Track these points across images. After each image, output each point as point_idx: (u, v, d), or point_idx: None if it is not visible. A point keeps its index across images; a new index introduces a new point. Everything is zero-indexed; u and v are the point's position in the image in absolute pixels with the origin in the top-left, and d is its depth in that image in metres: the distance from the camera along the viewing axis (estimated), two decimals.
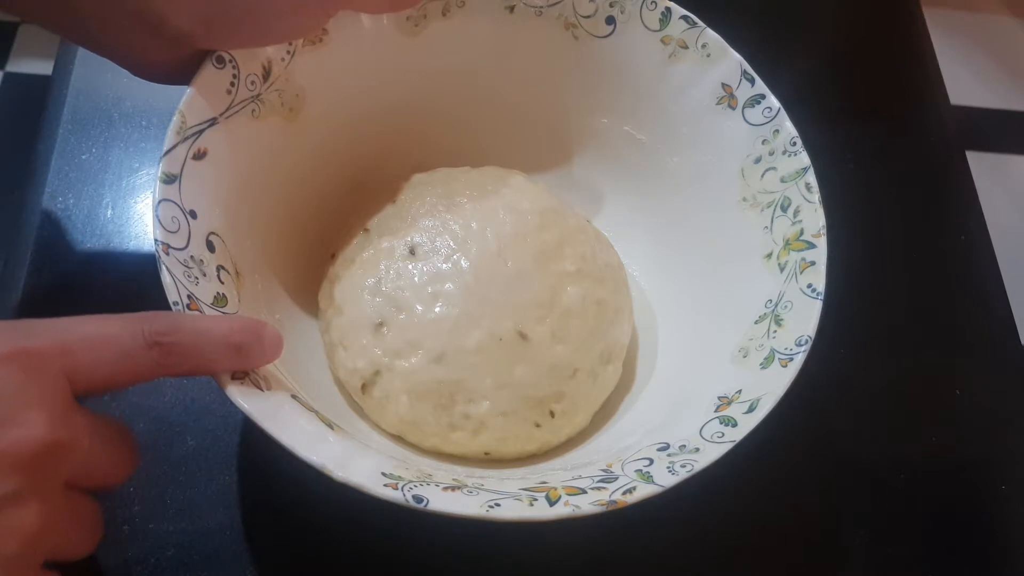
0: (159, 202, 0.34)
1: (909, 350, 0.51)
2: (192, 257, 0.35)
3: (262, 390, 0.33)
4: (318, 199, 0.45)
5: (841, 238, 0.39)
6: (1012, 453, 0.48)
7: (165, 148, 0.35)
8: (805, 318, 0.37)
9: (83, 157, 0.49)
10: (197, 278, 0.34)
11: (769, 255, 0.40)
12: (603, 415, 0.42)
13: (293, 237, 0.43)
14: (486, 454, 0.39)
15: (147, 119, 0.50)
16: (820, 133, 0.43)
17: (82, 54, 0.52)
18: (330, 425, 0.34)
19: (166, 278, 0.33)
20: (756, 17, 0.60)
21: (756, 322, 0.38)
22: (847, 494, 0.45)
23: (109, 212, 0.47)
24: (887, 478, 0.46)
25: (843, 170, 0.54)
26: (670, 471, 0.33)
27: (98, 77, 0.51)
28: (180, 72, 0.37)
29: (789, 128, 0.41)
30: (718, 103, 0.43)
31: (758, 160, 0.42)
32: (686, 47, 0.43)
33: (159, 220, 0.34)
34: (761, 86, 0.42)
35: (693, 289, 0.43)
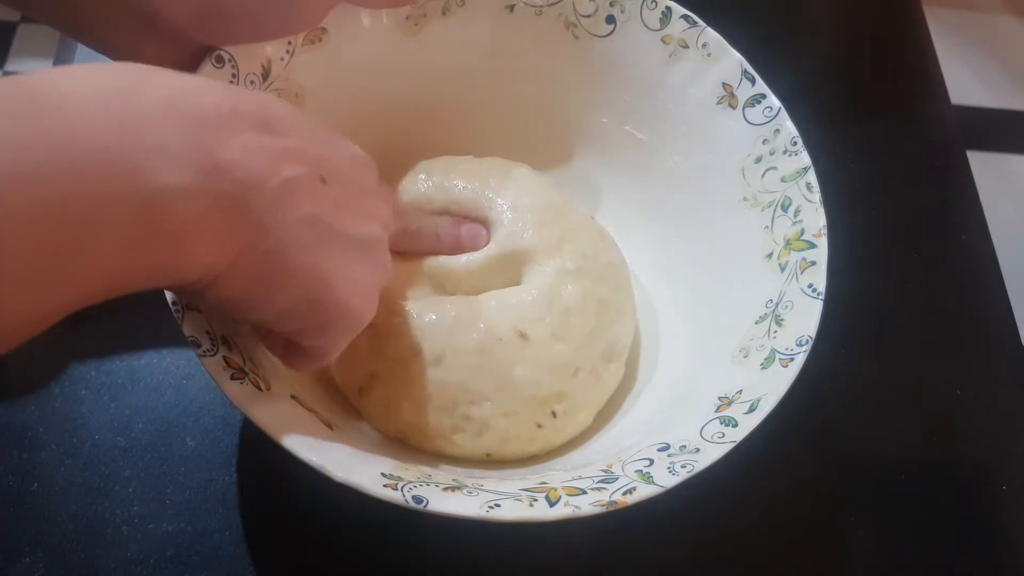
0: None
1: (909, 350, 0.51)
2: None
3: (262, 391, 0.33)
4: None
5: (842, 238, 0.39)
6: (1013, 453, 0.48)
7: None
8: (806, 318, 0.37)
9: None
10: None
11: (770, 255, 0.40)
12: (605, 415, 0.42)
13: None
14: (488, 455, 0.39)
15: None
16: (820, 133, 0.43)
17: (81, 54, 0.52)
18: (330, 426, 0.34)
19: None
20: (756, 17, 0.60)
21: (757, 322, 0.38)
22: (847, 494, 0.45)
23: None
24: (887, 478, 0.46)
25: (844, 170, 0.54)
26: (670, 471, 0.33)
27: None
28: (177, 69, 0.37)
29: (790, 128, 0.41)
30: (719, 102, 0.43)
31: (759, 160, 0.42)
32: (686, 46, 0.43)
33: None
34: (762, 85, 0.42)
35: (694, 288, 0.43)
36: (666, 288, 0.45)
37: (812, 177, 0.40)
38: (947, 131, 0.59)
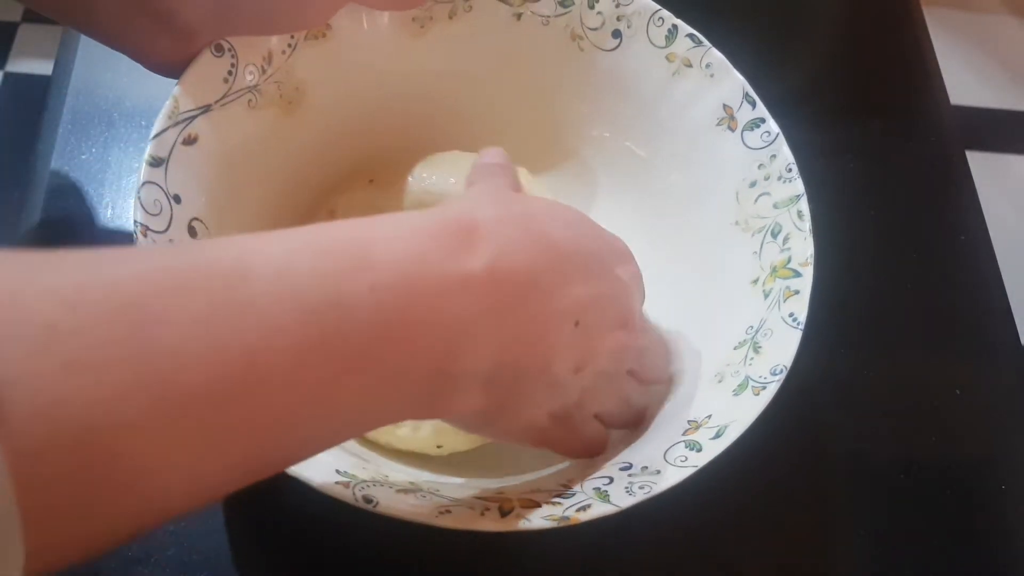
0: (142, 184, 0.34)
1: (909, 350, 0.50)
2: (171, 241, 0.35)
3: None
4: (316, 193, 0.45)
5: (841, 238, 0.39)
6: (1012, 453, 0.48)
7: (154, 131, 0.35)
8: (783, 347, 0.36)
9: (83, 157, 0.49)
10: None
11: (755, 281, 0.39)
12: None
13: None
14: (439, 447, 0.39)
15: (147, 119, 0.49)
16: (820, 133, 0.43)
17: (82, 54, 0.52)
18: None
19: None
20: (757, 17, 0.60)
21: (735, 347, 0.38)
22: (847, 494, 0.45)
23: (109, 212, 0.47)
24: (887, 478, 0.45)
25: (843, 170, 0.54)
26: (628, 492, 0.32)
27: (98, 77, 0.51)
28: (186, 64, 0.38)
29: (786, 153, 0.40)
30: (718, 124, 0.42)
31: (753, 184, 0.41)
32: (690, 65, 0.43)
33: (140, 202, 0.34)
34: (762, 109, 0.41)
35: (679, 309, 0.43)
36: (651, 306, 0.45)
37: (804, 205, 0.39)
38: (946, 131, 0.58)
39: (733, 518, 0.42)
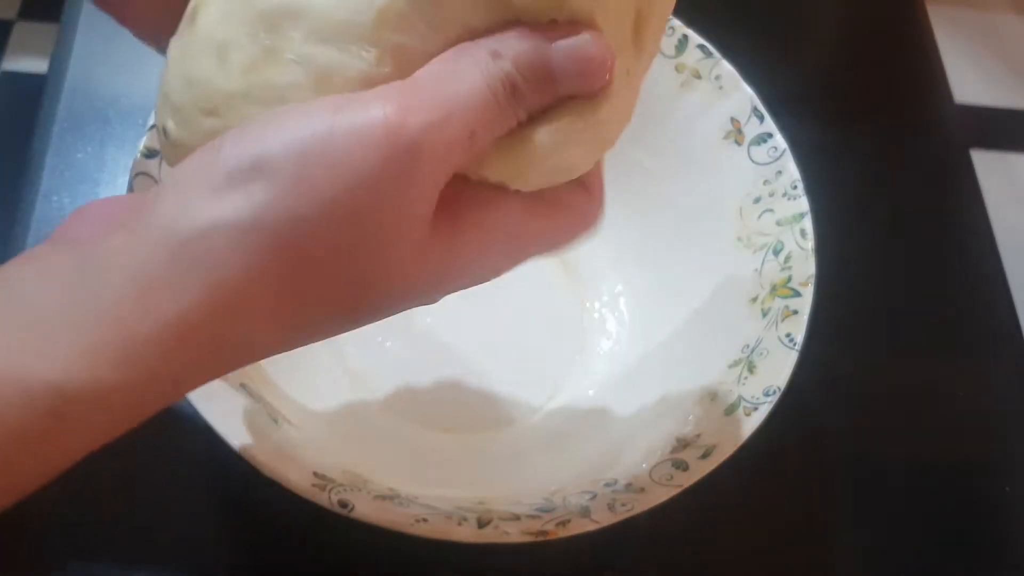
0: (135, 175, 0.34)
1: (912, 350, 0.49)
2: None
3: None
4: None
5: (843, 238, 0.38)
6: (1015, 454, 0.47)
7: (151, 122, 0.35)
8: (778, 368, 0.35)
9: (78, 156, 0.48)
10: None
11: (755, 299, 0.39)
12: (565, 438, 0.41)
13: None
14: None
15: (144, 117, 0.48)
16: (823, 132, 0.42)
17: (78, 52, 0.51)
18: (275, 419, 0.34)
19: None
20: (760, 15, 0.59)
21: (730, 366, 0.37)
22: (848, 494, 0.44)
23: None
24: (889, 478, 0.45)
25: (845, 169, 0.53)
26: (610, 508, 0.32)
27: (94, 75, 0.50)
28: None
29: (792, 170, 0.40)
30: (725, 137, 0.42)
31: (757, 200, 0.40)
32: (699, 77, 0.42)
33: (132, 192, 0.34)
34: (769, 124, 0.41)
35: (678, 324, 0.42)
36: (651, 319, 0.44)
37: (808, 224, 0.39)
38: (950, 130, 0.57)
39: (733, 519, 0.42)
